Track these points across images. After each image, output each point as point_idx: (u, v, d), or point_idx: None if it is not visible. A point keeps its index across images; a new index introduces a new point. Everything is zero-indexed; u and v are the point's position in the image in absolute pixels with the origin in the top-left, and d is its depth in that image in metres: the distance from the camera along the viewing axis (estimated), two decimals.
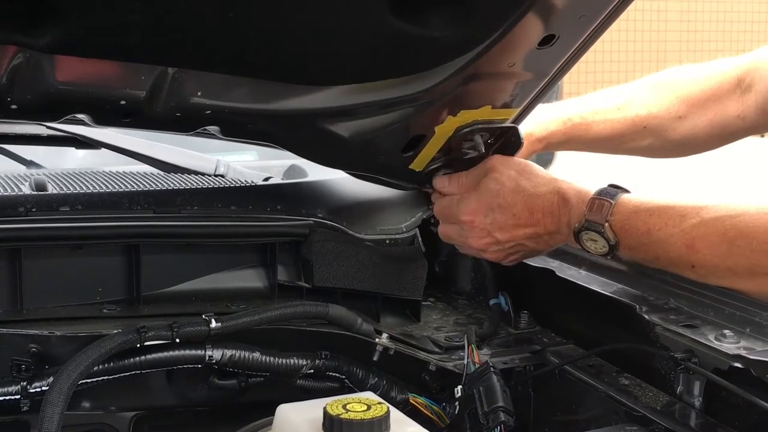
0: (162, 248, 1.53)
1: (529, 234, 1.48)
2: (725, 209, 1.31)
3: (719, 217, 1.31)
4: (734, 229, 1.29)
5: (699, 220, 1.32)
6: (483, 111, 1.47)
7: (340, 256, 1.58)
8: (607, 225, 1.38)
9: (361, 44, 1.32)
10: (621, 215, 1.38)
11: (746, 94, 1.80)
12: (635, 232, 1.37)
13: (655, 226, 1.36)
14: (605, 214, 1.38)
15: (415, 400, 1.45)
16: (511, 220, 1.47)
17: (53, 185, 1.64)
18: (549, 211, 1.45)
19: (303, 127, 1.46)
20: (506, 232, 1.48)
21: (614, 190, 1.41)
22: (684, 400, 1.28)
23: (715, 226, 1.31)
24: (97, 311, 1.46)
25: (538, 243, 1.50)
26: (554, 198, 1.45)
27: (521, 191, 1.46)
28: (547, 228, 1.46)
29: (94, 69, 1.29)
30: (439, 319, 1.68)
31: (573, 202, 1.43)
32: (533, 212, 1.46)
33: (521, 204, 1.46)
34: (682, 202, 1.37)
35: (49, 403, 1.18)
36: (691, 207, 1.35)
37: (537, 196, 1.46)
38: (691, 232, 1.32)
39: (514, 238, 1.49)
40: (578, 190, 1.44)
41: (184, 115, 1.37)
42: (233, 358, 1.38)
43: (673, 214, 1.35)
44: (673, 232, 1.34)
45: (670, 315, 1.34)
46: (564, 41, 1.37)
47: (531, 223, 1.46)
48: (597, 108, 1.85)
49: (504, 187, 1.47)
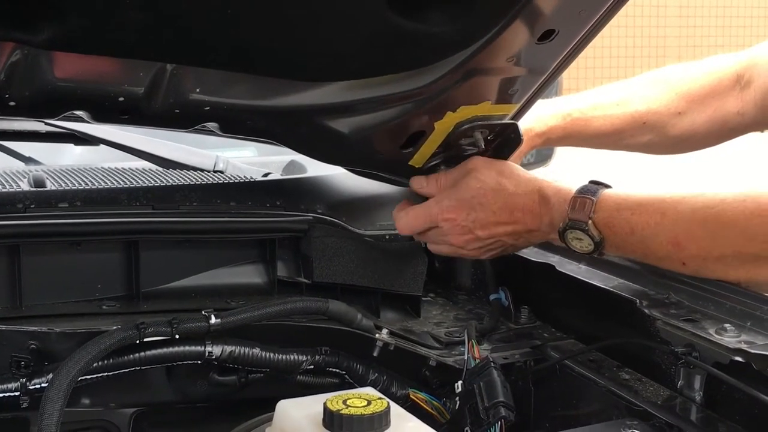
0: (161, 244, 1.53)
1: (509, 231, 1.49)
2: (702, 200, 1.32)
3: (697, 209, 1.31)
4: (713, 220, 1.29)
5: (677, 215, 1.33)
6: (482, 107, 1.47)
7: (339, 251, 1.58)
8: (590, 222, 1.38)
9: (360, 40, 1.32)
10: (603, 212, 1.38)
11: (745, 90, 1.80)
12: (620, 231, 1.38)
13: (637, 225, 1.36)
14: (588, 211, 1.38)
15: (416, 395, 1.45)
16: (491, 218, 1.47)
17: (52, 182, 1.64)
18: (529, 209, 1.46)
19: (302, 123, 1.45)
20: (486, 230, 1.49)
21: (595, 186, 1.42)
22: (685, 394, 1.28)
23: (694, 219, 1.31)
24: (96, 308, 1.46)
25: (517, 240, 1.51)
26: (534, 197, 1.46)
27: (502, 190, 1.47)
28: (527, 226, 1.47)
29: (92, 66, 1.29)
30: (440, 314, 1.68)
31: (553, 201, 1.44)
32: (513, 211, 1.47)
33: (501, 202, 1.47)
34: (660, 196, 1.37)
35: (48, 400, 1.17)
36: (670, 201, 1.35)
37: (517, 195, 1.47)
38: (673, 228, 1.33)
39: (494, 235, 1.49)
40: (558, 188, 1.45)
41: (183, 111, 1.37)
42: (233, 354, 1.37)
43: (653, 210, 1.35)
44: (656, 230, 1.34)
45: (670, 309, 1.34)
46: (563, 36, 1.37)
47: (511, 221, 1.47)
48: (596, 103, 1.85)
49: (485, 186, 1.48)
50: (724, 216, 1.29)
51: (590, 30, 1.38)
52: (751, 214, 1.26)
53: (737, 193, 1.30)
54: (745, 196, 1.28)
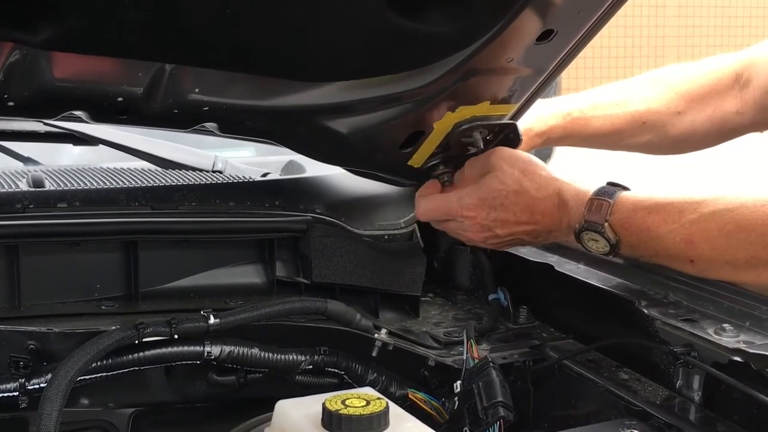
0: (160, 244, 1.53)
1: (528, 231, 1.49)
2: (723, 203, 1.31)
3: (717, 211, 1.31)
4: (732, 222, 1.29)
5: (698, 215, 1.32)
6: (482, 107, 1.47)
7: (338, 251, 1.58)
8: (606, 225, 1.38)
9: (360, 40, 1.32)
10: (620, 214, 1.38)
11: (744, 90, 1.80)
12: (635, 230, 1.37)
13: (654, 223, 1.36)
14: (604, 213, 1.38)
15: (414, 395, 1.45)
16: (512, 218, 1.48)
17: (50, 182, 1.63)
18: (549, 212, 1.46)
19: (301, 123, 1.45)
20: (506, 229, 1.49)
21: (612, 188, 1.41)
22: (683, 394, 1.28)
23: (713, 221, 1.31)
24: (95, 308, 1.46)
25: (536, 237, 1.52)
26: (554, 200, 1.46)
27: (523, 193, 1.47)
28: (546, 227, 1.47)
29: (91, 66, 1.29)
30: (438, 314, 1.68)
31: (571, 204, 1.43)
32: (534, 213, 1.47)
33: (522, 204, 1.47)
34: (680, 198, 1.36)
35: (47, 400, 1.17)
36: (689, 202, 1.35)
37: (538, 199, 1.46)
38: (690, 227, 1.32)
39: (513, 233, 1.50)
40: (577, 191, 1.44)
41: (182, 111, 1.37)
42: (232, 354, 1.37)
43: (672, 210, 1.35)
44: (672, 228, 1.34)
45: (669, 309, 1.34)
46: (562, 36, 1.37)
47: (531, 221, 1.47)
48: (596, 103, 1.85)
49: (507, 187, 1.47)
50: (742, 219, 1.28)
51: (589, 30, 1.38)
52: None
53: (757, 197, 1.29)
54: (765, 200, 1.28)
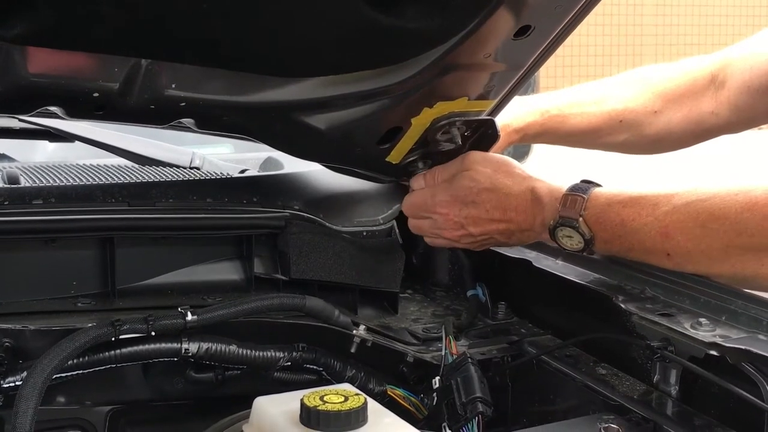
0: (137, 241, 1.52)
1: (502, 229, 1.49)
2: (696, 194, 1.32)
3: (691, 202, 1.32)
4: (706, 212, 1.30)
5: (671, 207, 1.33)
6: (459, 102, 1.47)
7: (316, 248, 1.57)
8: (581, 219, 1.38)
9: (337, 35, 1.31)
10: (594, 209, 1.38)
11: (719, 91, 1.82)
12: (609, 225, 1.38)
13: (628, 217, 1.36)
14: (579, 209, 1.39)
15: (393, 391, 1.45)
16: (484, 215, 1.48)
17: (26, 178, 1.62)
18: (522, 209, 1.46)
19: (278, 119, 1.45)
20: (479, 227, 1.50)
21: (586, 185, 1.43)
22: (660, 388, 1.29)
23: (687, 211, 1.32)
24: (71, 305, 1.44)
25: (510, 237, 1.51)
26: (527, 196, 1.46)
27: (495, 190, 1.48)
28: (519, 225, 1.48)
29: (66, 61, 1.28)
30: (417, 310, 1.68)
31: (545, 201, 1.44)
32: (506, 210, 1.47)
33: (495, 201, 1.48)
34: (654, 191, 1.37)
35: (22, 398, 1.16)
36: (663, 195, 1.36)
37: (511, 195, 1.47)
38: (665, 219, 1.33)
39: (487, 232, 1.50)
40: (551, 188, 1.45)
41: (158, 107, 1.36)
42: (209, 351, 1.37)
43: (646, 203, 1.36)
44: (646, 221, 1.34)
45: (646, 304, 1.35)
46: (540, 32, 1.37)
47: (504, 220, 1.48)
48: (574, 101, 1.86)
49: (479, 185, 1.48)
50: (715, 209, 1.29)
51: (566, 26, 1.38)
52: (741, 207, 1.27)
53: (730, 188, 1.30)
54: (738, 190, 1.29)
